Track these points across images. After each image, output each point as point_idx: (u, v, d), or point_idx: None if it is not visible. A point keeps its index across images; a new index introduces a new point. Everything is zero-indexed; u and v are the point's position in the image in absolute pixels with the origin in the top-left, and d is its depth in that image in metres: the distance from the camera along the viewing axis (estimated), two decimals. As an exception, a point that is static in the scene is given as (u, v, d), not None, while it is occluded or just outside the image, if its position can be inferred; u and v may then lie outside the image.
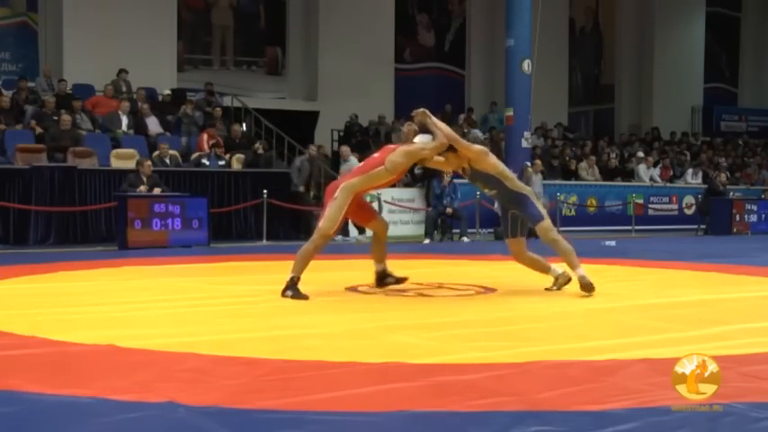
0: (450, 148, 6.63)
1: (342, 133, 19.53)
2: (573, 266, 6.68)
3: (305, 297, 6.19)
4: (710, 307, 6.25)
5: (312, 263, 6.52)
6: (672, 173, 21.08)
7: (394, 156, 6.51)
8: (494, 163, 6.74)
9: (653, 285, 7.79)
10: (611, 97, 25.95)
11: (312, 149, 15.24)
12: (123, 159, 13.57)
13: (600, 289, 7.04)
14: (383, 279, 6.92)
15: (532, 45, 15.99)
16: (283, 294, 6.26)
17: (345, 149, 15.59)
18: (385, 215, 11.94)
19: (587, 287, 6.54)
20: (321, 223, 6.46)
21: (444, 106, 20.13)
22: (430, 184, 15.28)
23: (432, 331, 4.97)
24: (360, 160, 16.08)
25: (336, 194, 6.43)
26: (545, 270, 6.96)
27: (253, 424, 3.05)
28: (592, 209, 18.54)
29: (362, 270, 8.00)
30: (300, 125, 19.08)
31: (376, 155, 6.79)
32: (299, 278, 6.33)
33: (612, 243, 13.77)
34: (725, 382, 3.29)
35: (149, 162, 12.89)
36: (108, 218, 12.52)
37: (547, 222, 6.72)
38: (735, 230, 17.87)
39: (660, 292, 7.09)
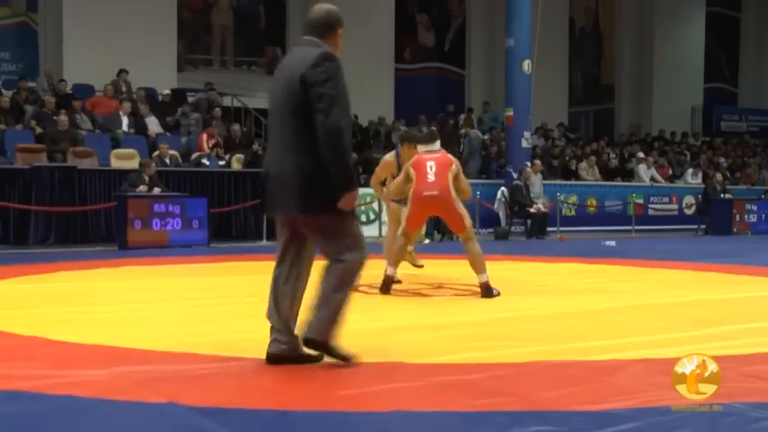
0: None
1: (341, 133, 19.45)
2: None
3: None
4: (711, 307, 6.25)
5: (313, 262, 6.51)
6: (672, 173, 21.06)
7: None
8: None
9: (653, 285, 7.79)
10: (611, 97, 25.92)
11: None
12: (123, 159, 13.55)
13: (600, 289, 7.13)
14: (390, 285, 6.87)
15: (532, 45, 15.98)
16: (489, 295, 6.49)
17: None
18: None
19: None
20: (467, 222, 6.74)
21: (447, 106, 20.08)
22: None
23: (432, 331, 4.97)
24: (361, 159, 16.11)
25: (455, 198, 6.67)
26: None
27: (253, 424, 3.05)
28: (592, 209, 18.52)
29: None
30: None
31: (433, 157, 6.84)
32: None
33: (612, 243, 13.77)
34: (725, 382, 3.29)
35: (154, 164, 12.88)
36: (108, 218, 12.50)
37: None
38: (735, 230, 17.87)
39: (660, 292, 7.10)
